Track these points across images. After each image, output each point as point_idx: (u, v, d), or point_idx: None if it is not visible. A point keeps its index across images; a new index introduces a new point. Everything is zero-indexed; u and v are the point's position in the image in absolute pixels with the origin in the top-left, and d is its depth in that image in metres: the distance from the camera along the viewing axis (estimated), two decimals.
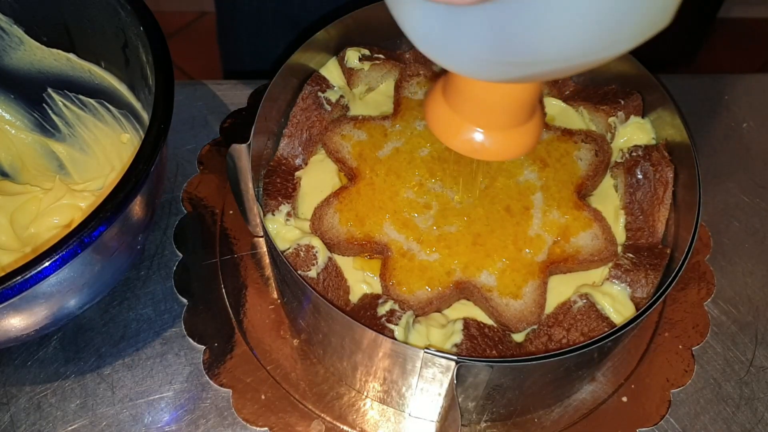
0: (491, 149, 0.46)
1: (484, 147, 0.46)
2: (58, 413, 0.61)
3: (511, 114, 0.45)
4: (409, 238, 0.59)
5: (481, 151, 0.46)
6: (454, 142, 0.46)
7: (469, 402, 0.55)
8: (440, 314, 0.58)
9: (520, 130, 0.46)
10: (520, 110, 0.45)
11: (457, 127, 0.45)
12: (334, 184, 0.64)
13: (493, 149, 0.46)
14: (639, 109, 0.66)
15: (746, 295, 0.69)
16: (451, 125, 0.46)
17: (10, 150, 0.72)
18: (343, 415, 0.61)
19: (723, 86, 0.84)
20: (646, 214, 0.61)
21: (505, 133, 0.45)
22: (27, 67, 0.69)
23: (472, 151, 0.46)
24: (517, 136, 0.46)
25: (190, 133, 0.77)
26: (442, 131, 0.47)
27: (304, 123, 0.65)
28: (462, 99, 0.44)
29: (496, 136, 0.45)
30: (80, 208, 0.68)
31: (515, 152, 0.47)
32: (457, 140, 0.46)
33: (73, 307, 0.58)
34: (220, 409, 0.61)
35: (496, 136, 0.45)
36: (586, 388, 0.63)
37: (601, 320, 0.56)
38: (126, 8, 0.59)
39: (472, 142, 0.45)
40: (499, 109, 0.44)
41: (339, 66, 0.67)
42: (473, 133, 0.45)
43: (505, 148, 0.46)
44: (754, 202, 0.75)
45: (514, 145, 0.46)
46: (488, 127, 0.45)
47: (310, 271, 0.57)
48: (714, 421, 0.62)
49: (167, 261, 0.69)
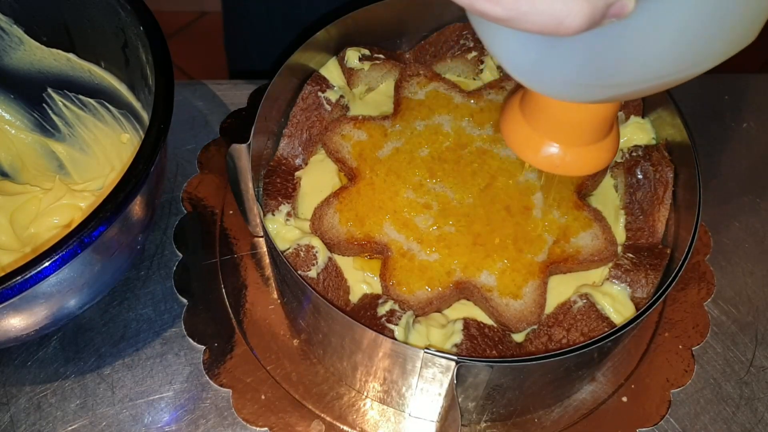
0: (571, 164, 0.47)
1: (565, 162, 0.47)
2: (58, 413, 0.61)
3: (591, 131, 0.46)
4: (409, 238, 0.59)
5: (561, 167, 0.47)
6: (535, 158, 0.47)
7: (469, 402, 0.55)
8: (440, 314, 0.58)
9: (599, 146, 0.47)
10: (600, 127, 0.46)
11: (537, 143, 0.47)
12: (334, 184, 0.64)
13: (572, 164, 0.47)
14: (639, 109, 0.66)
15: (746, 295, 0.69)
16: (530, 142, 0.47)
17: (10, 150, 0.72)
18: (343, 415, 0.61)
19: (723, 86, 0.84)
20: (646, 214, 0.61)
21: (585, 148, 0.47)
22: (27, 67, 0.69)
23: (553, 166, 0.47)
24: (596, 151, 0.47)
25: (190, 133, 0.77)
26: (522, 148, 0.48)
27: (304, 123, 0.65)
28: (543, 117, 0.45)
29: (576, 152, 0.47)
30: (80, 208, 0.68)
31: (594, 167, 0.48)
32: (538, 156, 0.47)
33: (73, 307, 0.58)
34: (220, 409, 0.61)
35: (576, 151, 0.47)
36: (586, 388, 0.63)
37: (601, 320, 0.56)
38: (126, 8, 0.59)
39: (553, 158, 0.47)
40: (580, 127, 0.45)
41: (339, 66, 0.67)
42: (554, 149, 0.46)
43: (584, 163, 0.47)
44: (754, 202, 0.75)
45: (593, 159, 0.48)
46: (568, 143, 0.46)
47: (310, 271, 0.57)
48: (714, 421, 0.62)
49: (167, 261, 0.69)
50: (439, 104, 0.66)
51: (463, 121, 0.65)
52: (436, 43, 0.70)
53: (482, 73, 0.70)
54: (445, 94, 0.66)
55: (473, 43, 0.68)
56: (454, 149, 0.63)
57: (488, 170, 0.62)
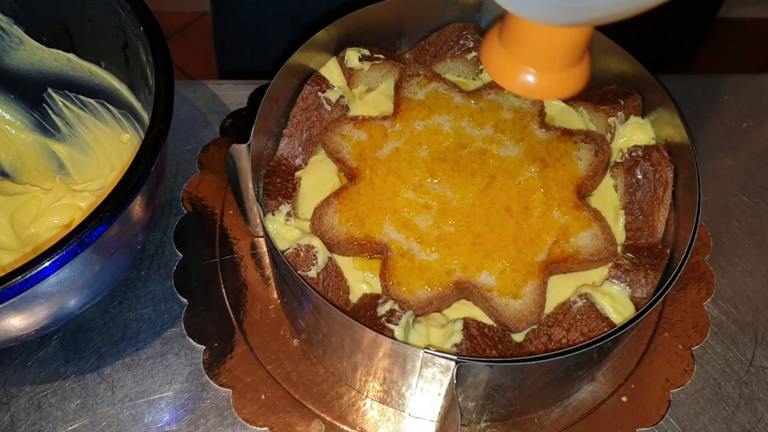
0: (545, 89, 0.51)
1: (539, 87, 0.50)
2: (58, 413, 0.61)
3: (565, 56, 0.49)
4: (409, 238, 0.59)
5: (536, 91, 0.51)
6: (512, 83, 0.51)
7: (469, 402, 0.55)
8: (440, 314, 0.58)
9: (571, 72, 0.50)
10: (572, 52, 0.49)
11: (515, 69, 0.50)
12: (334, 184, 0.64)
13: (546, 89, 0.51)
14: (639, 109, 0.66)
15: (746, 295, 0.69)
16: (508, 68, 0.50)
17: (10, 150, 0.72)
18: (343, 415, 0.61)
19: (723, 86, 0.84)
20: (645, 214, 0.61)
21: (559, 74, 0.50)
22: (27, 67, 0.69)
23: (529, 91, 0.51)
24: (568, 77, 0.51)
25: (190, 133, 0.77)
26: (501, 74, 0.51)
27: (304, 123, 0.65)
28: (521, 43, 0.49)
29: (550, 77, 0.50)
30: (80, 208, 0.68)
31: (566, 92, 0.52)
32: (515, 81, 0.51)
33: (73, 307, 0.58)
34: (220, 409, 0.61)
35: (550, 76, 0.50)
36: (586, 388, 0.63)
37: (601, 320, 0.56)
38: (126, 8, 0.59)
39: (529, 83, 0.50)
40: (555, 51, 0.49)
41: (339, 66, 0.67)
42: (529, 75, 0.50)
43: (557, 88, 0.51)
44: (754, 202, 0.75)
45: (566, 85, 0.51)
46: (543, 68, 0.50)
47: (310, 271, 0.57)
48: (714, 421, 0.62)
49: (167, 261, 0.69)
50: (439, 104, 0.66)
51: (463, 121, 0.65)
52: (436, 43, 0.70)
53: (482, 73, 0.70)
54: (445, 94, 0.67)
55: (473, 43, 0.68)
56: (454, 149, 0.63)
57: (488, 170, 0.62)
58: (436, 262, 0.58)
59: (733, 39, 1.89)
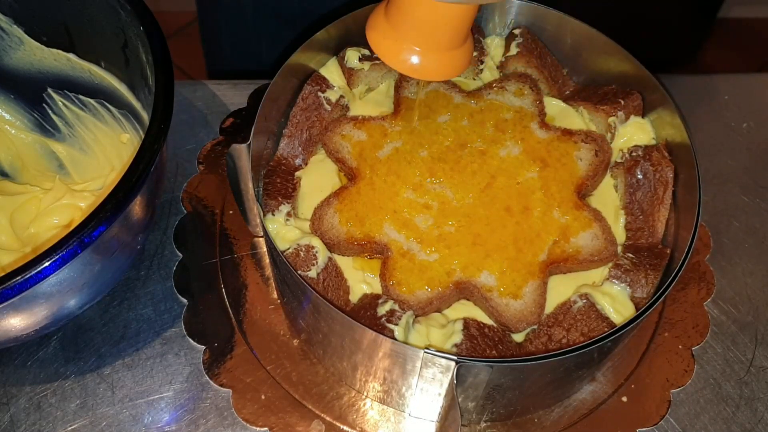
0: (428, 69, 0.52)
1: (423, 66, 0.52)
2: (58, 413, 0.61)
3: (449, 36, 0.51)
4: (409, 238, 0.59)
5: (420, 71, 0.53)
6: (396, 61, 0.53)
7: (469, 402, 0.55)
8: (440, 314, 0.58)
9: (454, 53, 0.52)
10: (456, 33, 0.51)
11: (400, 48, 0.52)
12: (334, 184, 0.64)
13: (429, 69, 0.52)
14: (639, 109, 0.66)
15: (746, 295, 0.69)
16: (394, 46, 0.52)
17: (10, 150, 0.72)
18: (343, 415, 0.61)
19: (723, 86, 0.84)
20: (646, 214, 0.61)
21: (442, 54, 0.52)
22: (27, 67, 0.69)
23: (412, 70, 0.53)
24: (451, 57, 0.52)
25: (190, 133, 0.77)
26: (386, 53, 0.53)
27: (304, 123, 0.65)
28: (407, 21, 0.50)
29: (433, 57, 0.52)
30: (80, 208, 0.68)
31: (449, 73, 0.54)
32: (398, 59, 0.52)
33: (73, 307, 0.58)
34: (220, 409, 0.61)
35: (433, 57, 0.52)
36: (586, 388, 0.63)
37: (601, 320, 0.56)
38: (126, 8, 0.59)
39: (412, 63, 0.52)
40: (439, 31, 0.50)
41: (339, 66, 0.67)
42: (414, 54, 0.52)
43: (440, 69, 0.53)
44: (754, 202, 0.75)
45: (448, 66, 0.53)
46: (427, 48, 0.51)
47: (310, 271, 0.57)
48: (714, 421, 0.62)
49: (167, 261, 0.69)
50: (439, 104, 0.66)
51: (463, 121, 0.65)
52: None
53: (482, 73, 0.70)
54: (445, 94, 0.66)
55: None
56: (454, 149, 0.63)
57: (488, 170, 0.62)
58: (436, 262, 0.58)
59: (733, 39, 1.89)
